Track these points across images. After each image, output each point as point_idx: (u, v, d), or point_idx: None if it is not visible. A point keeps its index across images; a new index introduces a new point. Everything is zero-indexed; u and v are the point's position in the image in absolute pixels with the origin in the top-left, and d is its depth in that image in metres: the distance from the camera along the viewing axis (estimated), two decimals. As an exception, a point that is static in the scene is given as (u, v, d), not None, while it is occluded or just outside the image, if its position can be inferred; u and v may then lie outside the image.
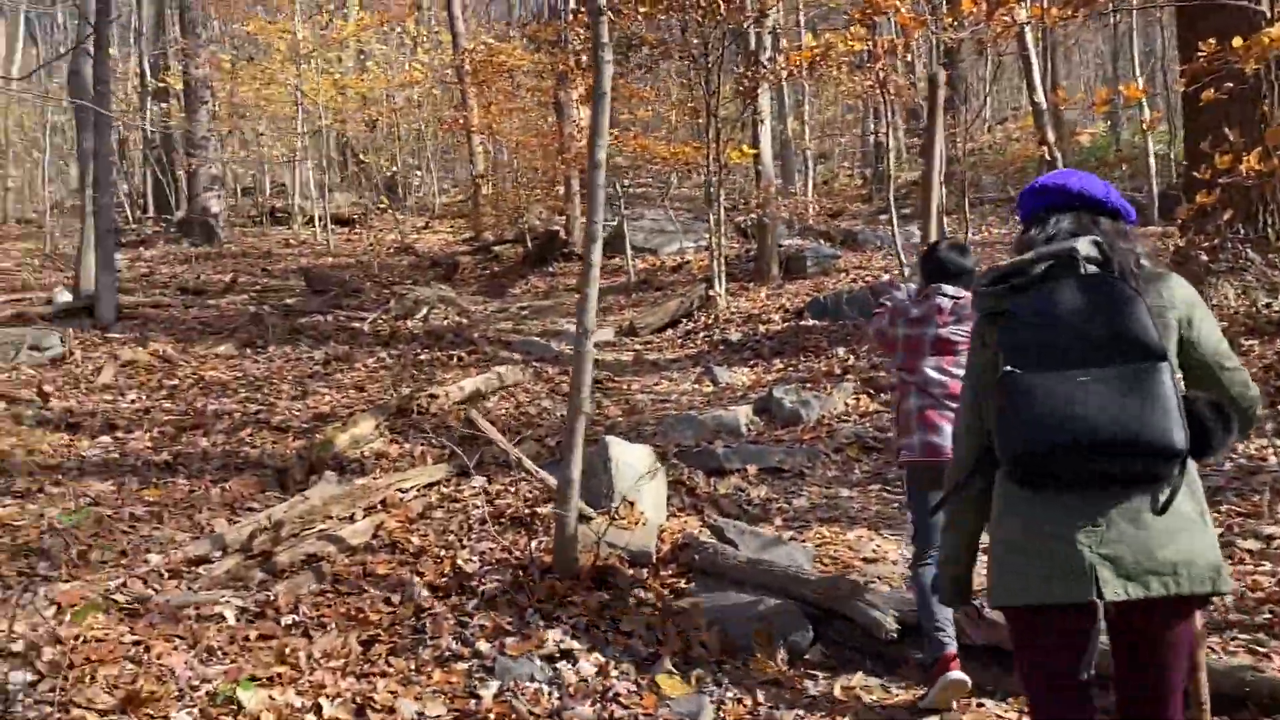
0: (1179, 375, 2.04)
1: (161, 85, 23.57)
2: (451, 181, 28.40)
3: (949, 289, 3.61)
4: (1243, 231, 7.82)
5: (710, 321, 10.98)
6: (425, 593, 4.20)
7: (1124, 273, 2.04)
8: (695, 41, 11.14)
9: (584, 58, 11.85)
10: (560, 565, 4.20)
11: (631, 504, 4.94)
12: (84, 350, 9.25)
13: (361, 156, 27.22)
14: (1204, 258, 7.52)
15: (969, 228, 16.52)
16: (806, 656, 3.83)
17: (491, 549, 4.55)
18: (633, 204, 20.84)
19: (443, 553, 4.60)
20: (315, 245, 20.40)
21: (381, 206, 23.03)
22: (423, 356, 9.28)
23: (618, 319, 12.12)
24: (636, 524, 4.77)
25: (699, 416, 6.96)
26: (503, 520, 4.86)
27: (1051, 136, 9.11)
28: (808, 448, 6.52)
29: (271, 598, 4.07)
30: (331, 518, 4.84)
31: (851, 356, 8.68)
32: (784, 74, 8.19)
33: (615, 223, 16.56)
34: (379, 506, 5.03)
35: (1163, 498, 1.92)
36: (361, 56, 26.72)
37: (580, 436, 4.19)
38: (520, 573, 4.26)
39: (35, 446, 6.35)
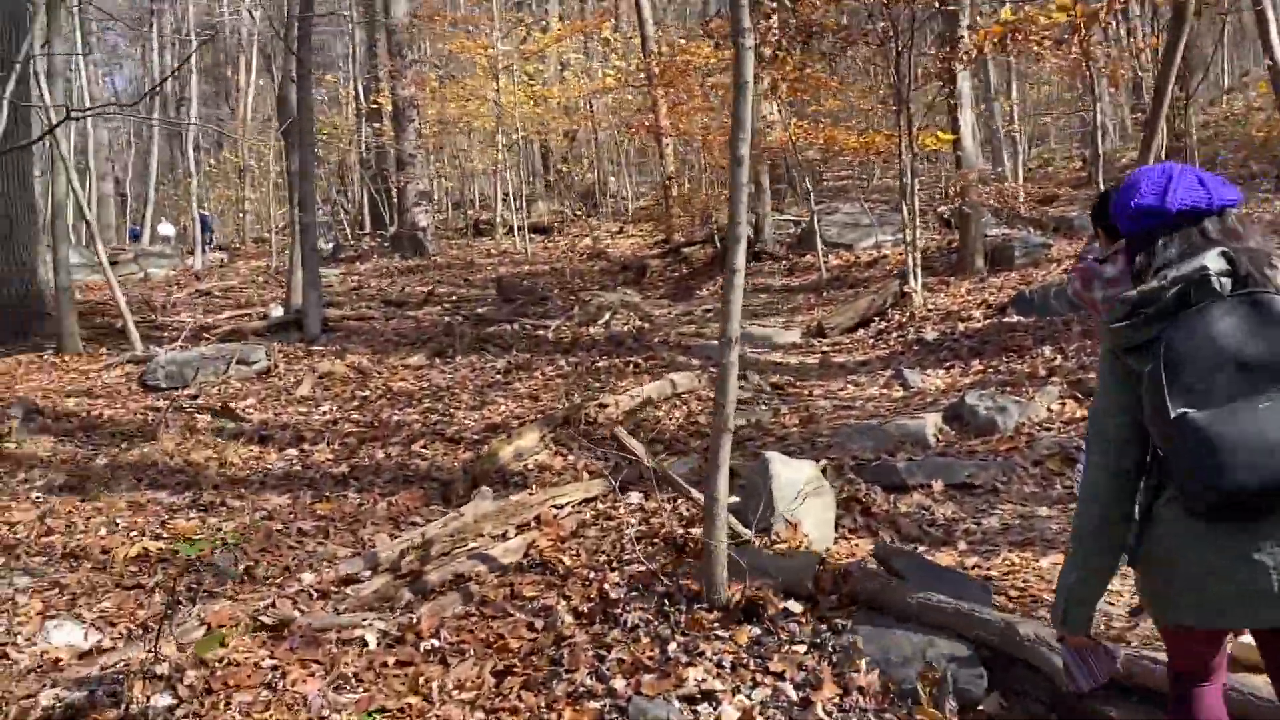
0: None
1: (374, 106, 24.97)
2: (649, 185, 28.59)
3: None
4: None
5: (904, 320, 10.34)
6: (569, 619, 4.00)
7: (1262, 282, 1.96)
8: (882, 24, 10.52)
9: (766, 50, 11.46)
10: (707, 594, 3.90)
11: (794, 526, 4.58)
12: (287, 363, 9.74)
13: (559, 165, 27.91)
14: None
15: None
16: (981, 707, 3.35)
17: (640, 572, 4.30)
18: (827, 197, 20.24)
19: (591, 575, 4.39)
20: (514, 254, 20.95)
21: (578, 213, 23.44)
22: (600, 364, 9.19)
23: (806, 319, 11.66)
24: (798, 548, 4.39)
25: (881, 426, 6.46)
26: (655, 541, 4.60)
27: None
28: (1003, 460, 5.91)
29: (414, 620, 3.98)
30: (484, 535, 4.73)
31: (1059, 356, 7.88)
32: (972, 53, 7.51)
33: (806, 219, 16.05)
34: (532, 523, 4.90)
35: None
36: (561, 68, 27.36)
37: (725, 455, 3.87)
38: (666, 600, 3.98)
39: (228, 459, 6.65)
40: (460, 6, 29.80)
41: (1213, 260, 1.98)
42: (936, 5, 10.31)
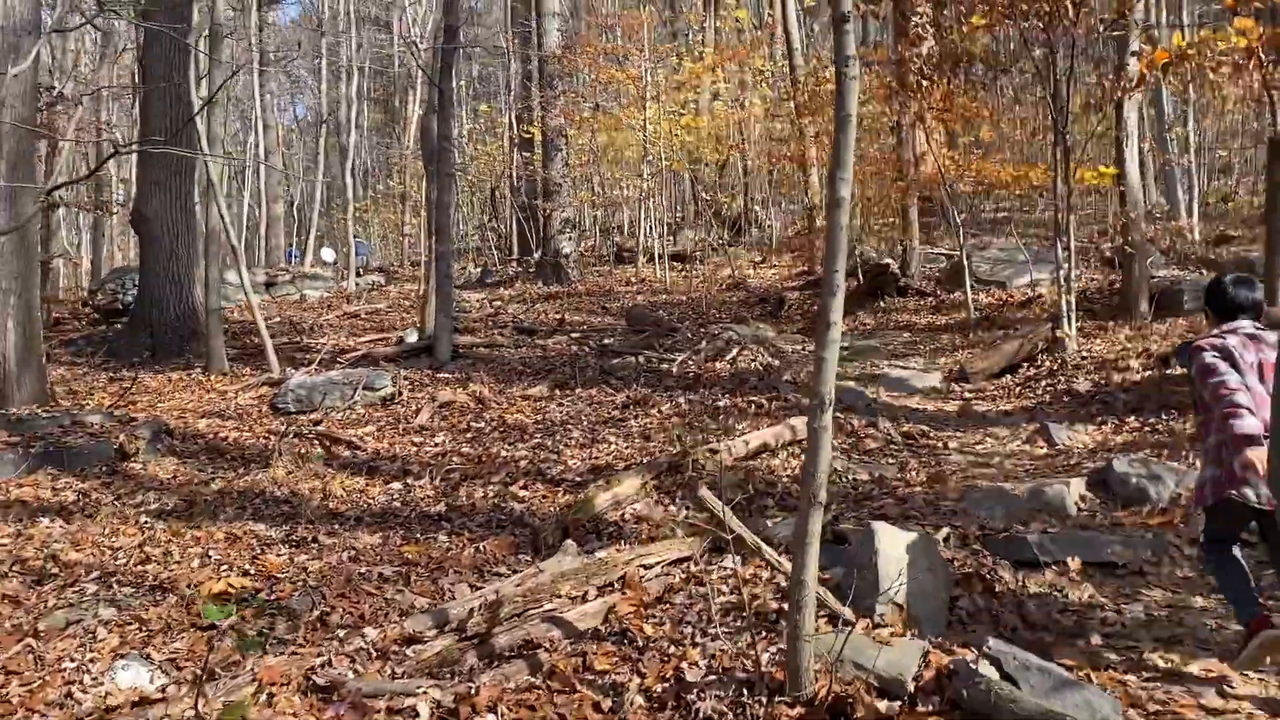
0: None
1: (526, 136, 25.41)
2: (797, 215, 28.06)
3: (1247, 322, 3.79)
4: None
5: (1055, 366, 9.56)
6: (640, 701, 3.65)
7: None
8: (1039, 53, 9.83)
9: (912, 78, 10.90)
10: (790, 686, 3.48)
11: (900, 608, 4.10)
12: (411, 390, 9.77)
13: (704, 194, 27.72)
14: None
15: None
16: None
17: (723, 651, 3.91)
18: (984, 231, 19.27)
19: (671, 649, 4.04)
20: (653, 282, 20.81)
21: (720, 242, 23.13)
22: (721, 403, 8.81)
23: (948, 361, 10.97)
24: (902, 635, 3.92)
25: (1013, 490, 5.85)
26: (745, 615, 4.20)
27: None
28: (1153, 537, 5.22)
29: (474, 690, 3.71)
30: (561, 595, 4.44)
31: (1229, 417, 7.05)
32: (1136, 81, 6.80)
33: (955, 255, 15.26)
34: (615, 585, 4.57)
35: None
36: (713, 98, 27.21)
37: (814, 530, 3.46)
38: (746, 690, 3.58)
39: (333, 491, 6.61)
40: (616, 37, 30.11)
41: None
42: (1101, 29, 9.55)
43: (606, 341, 12.17)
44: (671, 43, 29.33)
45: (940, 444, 7.79)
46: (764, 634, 4.03)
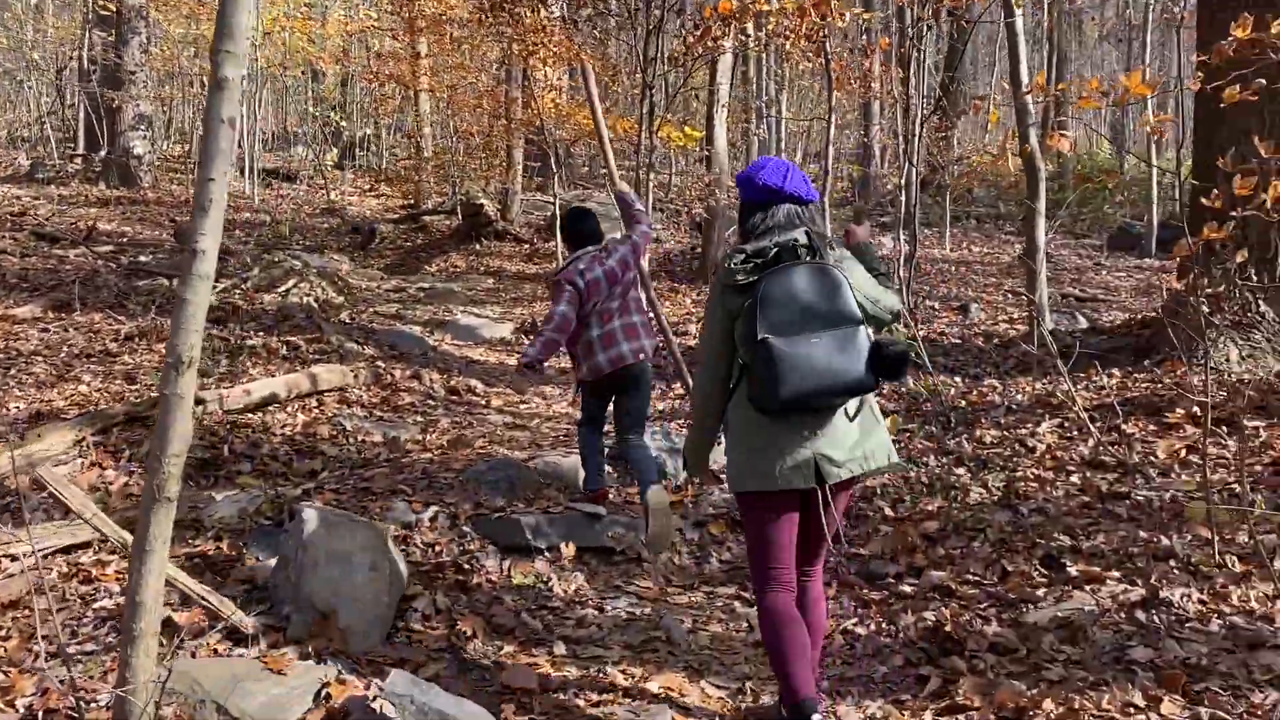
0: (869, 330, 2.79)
1: (104, 12, 21.75)
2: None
3: (591, 248, 4.69)
4: (1257, 279, 6.20)
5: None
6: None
7: (825, 256, 2.77)
8: (633, -3, 9.44)
9: (529, 14, 10.11)
10: (116, 744, 2.56)
11: (325, 617, 3.31)
12: None
13: (316, 112, 25.50)
14: (1205, 308, 5.89)
15: (948, 243, 14.93)
16: None
17: (65, 682, 2.91)
18: (585, 183, 19.19)
19: (1, 677, 2.96)
20: (241, 198, 18.68)
21: (324, 164, 21.30)
22: (251, 341, 7.61)
23: (527, 313, 10.46)
24: (316, 657, 3.12)
25: (529, 460, 5.29)
26: (117, 630, 3.21)
27: (1034, 141, 7.45)
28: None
29: None
30: None
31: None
32: (713, 36, 6.52)
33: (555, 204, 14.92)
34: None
35: (853, 409, 2.80)
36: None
37: (160, 533, 2.53)
38: (60, 746, 2.62)
39: None
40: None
41: (800, 235, 2.80)
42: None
43: (143, 259, 10.38)
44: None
45: (485, 401, 7.17)
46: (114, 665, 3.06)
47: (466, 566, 4.13)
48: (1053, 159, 18.33)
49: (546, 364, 4.55)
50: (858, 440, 2.78)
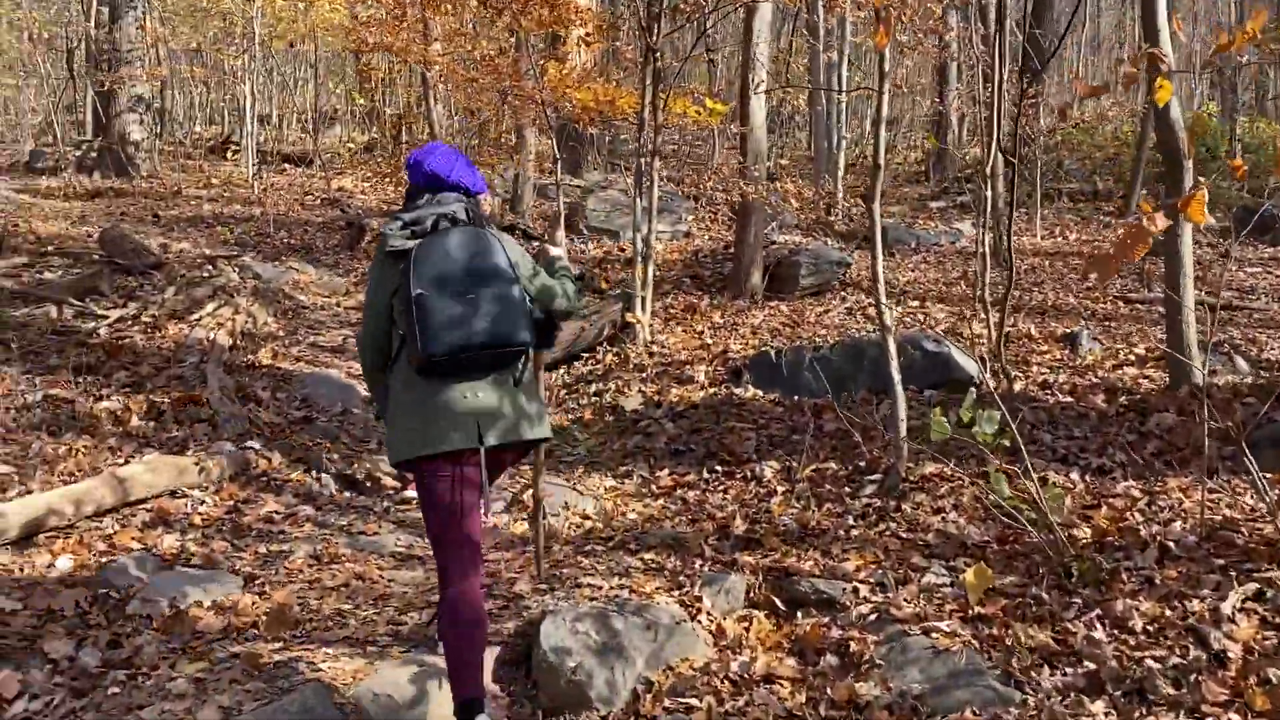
0: (530, 296, 2.93)
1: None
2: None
3: None
4: None
5: (616, 364, 7.21)
6: None
7: (483, 224, 2.95)
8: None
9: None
10: None
11: None
12: None
13: (351, 92, 23.67)
14: None
15: (1039, 229, 12.45)
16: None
17: None
18: (622, 161, 17.05)
19: None
20: (241, 188, 16.95)
21: (342, 148, 19.50)
22: (103, 404, 5.65)
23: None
24: None
25: (354, 680, 3.22)
26: None
27: (1176, 109, 5.11)
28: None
29: None
30: None
31: (766, 484, 4.89)
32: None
33: (579, 193, 12.82)
34: None
35: (518, 375, 2.90)
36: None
37: None
38: None
39: None
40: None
41: (458, 208, 2.93)
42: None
43: (43, 277, 8.56)
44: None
45: (387, 506, 5.13)
46: None
47: None
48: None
49: None
50: (521, 404, 2.88)
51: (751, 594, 3.84)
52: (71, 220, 12.65)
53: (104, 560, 3.89)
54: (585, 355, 7.50)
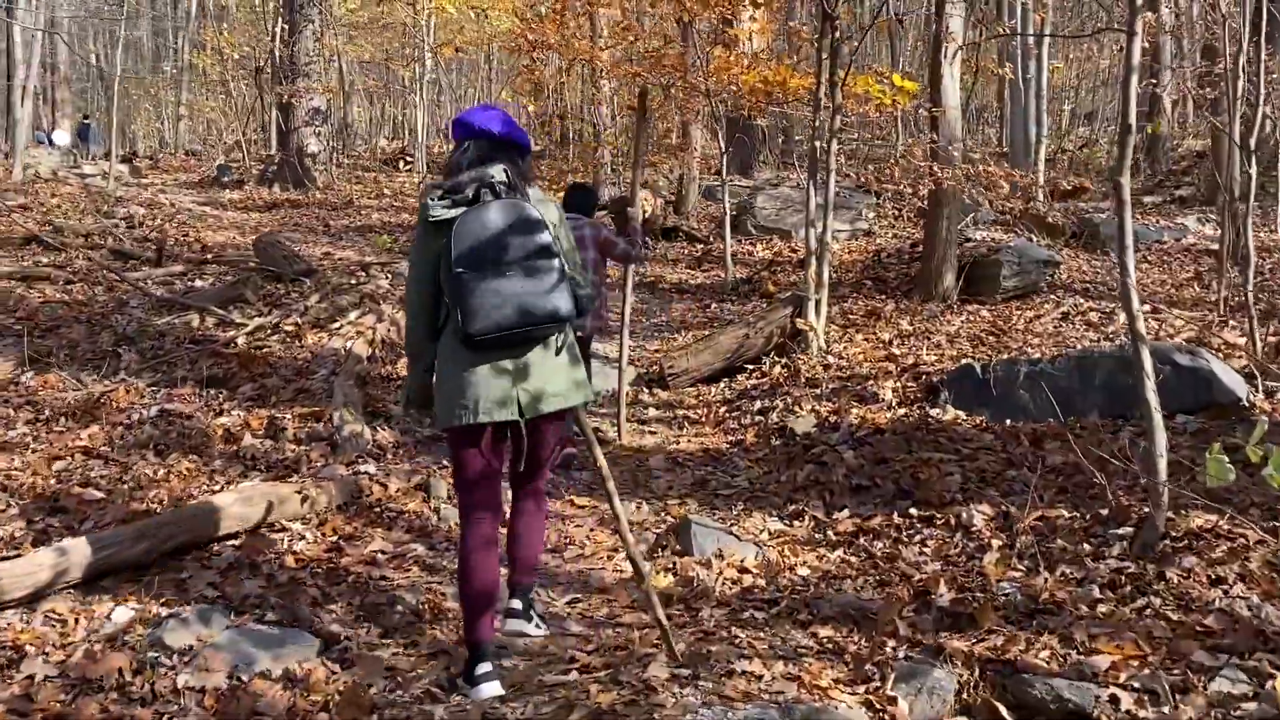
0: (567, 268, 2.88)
1: None
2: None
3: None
4: None
5: (786, 376, 6.26)
6: None
7: (525, 197, 2.85)
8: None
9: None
10: None
11: None
12: None
13: (514, 95, 23.59)
14: None
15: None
16: None
17: None
18: (791, 162, 16.00)
19: None
20: (408, 199, 16.92)
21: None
22: (220, 420, 5.17)
23: (662, 350, 7.59)
24: None
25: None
26: None
27: None
28: None
29: None
30: None
31: (990, 529, 3.84)
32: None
33: (748, 191, 11.91)
34: None
35: (556, 345, 2.89)
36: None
37: None
38: None
39: None
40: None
41: (497, 173, 2.85)
42: None
43: (194, 285, 8.36)
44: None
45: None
46: None
47: None
48: None
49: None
50: (560, 375, 2.89)
51: (965, 695, 2.85)
52: (242, 230, 12.72)
53: (165, 614, 3.27)
54: (750, 367, 6.58)
